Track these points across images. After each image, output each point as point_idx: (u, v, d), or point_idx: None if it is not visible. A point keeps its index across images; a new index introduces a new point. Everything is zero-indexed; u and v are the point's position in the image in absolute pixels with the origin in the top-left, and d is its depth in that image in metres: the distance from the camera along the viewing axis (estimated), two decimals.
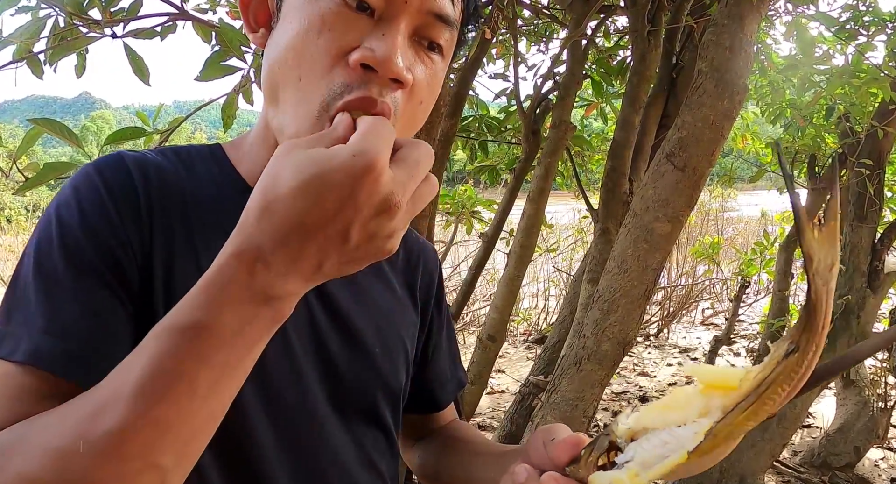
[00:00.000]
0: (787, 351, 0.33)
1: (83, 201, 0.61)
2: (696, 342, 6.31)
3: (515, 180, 2.59)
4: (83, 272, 0.58)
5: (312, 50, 0.57)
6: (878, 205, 3.19)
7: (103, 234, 0.60)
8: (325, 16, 0.57)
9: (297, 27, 0.58)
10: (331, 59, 0.57)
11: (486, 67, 3.25)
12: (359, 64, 0.56)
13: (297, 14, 0.59)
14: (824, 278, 0.33)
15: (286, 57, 0.59)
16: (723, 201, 9.47)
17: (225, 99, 1.36)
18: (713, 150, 1.76)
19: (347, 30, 0.57)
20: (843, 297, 3.08)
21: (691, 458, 0.38)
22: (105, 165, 0.64)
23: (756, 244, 4.17)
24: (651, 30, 2.47)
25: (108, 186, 0.62)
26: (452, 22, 0.63)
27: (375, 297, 0.79)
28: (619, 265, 1.80)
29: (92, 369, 0.53)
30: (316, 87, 0.57)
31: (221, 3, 2.54)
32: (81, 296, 0.57)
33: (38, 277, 0.58)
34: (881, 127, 3.02)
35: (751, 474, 2.87)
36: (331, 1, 0.57)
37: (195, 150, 0.73)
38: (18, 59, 1.45)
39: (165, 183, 0.65)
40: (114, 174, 0.63)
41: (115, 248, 0.60)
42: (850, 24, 2.97)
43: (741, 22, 1.79)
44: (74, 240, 0.59)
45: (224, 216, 0.65)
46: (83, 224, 0.59)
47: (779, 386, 0.34)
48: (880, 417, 3.31)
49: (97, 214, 0.60)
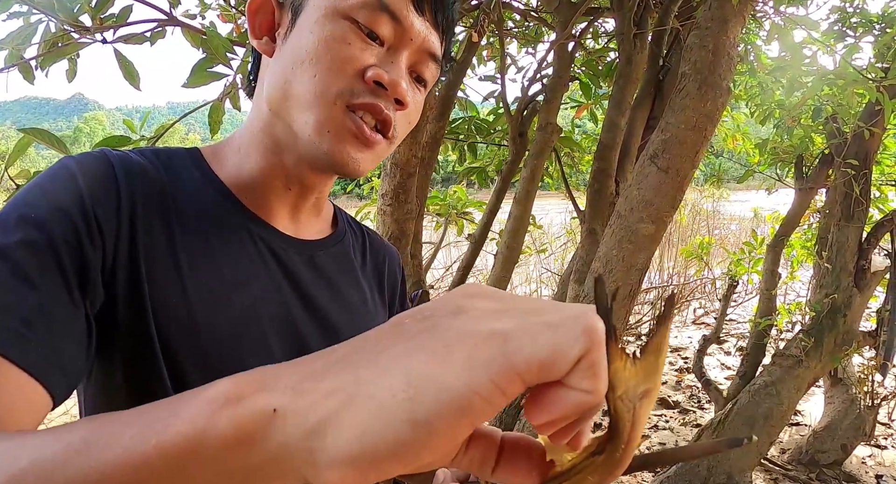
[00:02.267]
0: (594, 451, 0.35)
1: (59, 187, 0.58)
2: (687, 341, 6.34)
3: (502, 182, 2.61)
4: (41, 255, 0.54)
5: (331, 57, 0.63)
6: (865, 204, 3.22)
7: (70, 222, 0.57)
8: (345, 35, 0.64)
9: (318, 37, 0.64)
10: (349, 68, 0.63)
11: (476, 70, 3.27)
12: (373, 80, 0.64)
13: (317, 28, 0.64)
14: (629, 405, 0.33)
15: (304, 59, 0.64)
16: (714, 201, 9.51)
17: (211, 105, 1.38)
18: (696, 151, 1.79)
19: (363, 50, 0.64)
20: (829, 296, 3.12)
21: None
22: (87, 158, 0.63)
23: (745, 244, 4.20)
24: (638, 32, 2.50)
25: (88, 178, 0.60)
26: (439, 60, 0.71)
27: (351, 298, 0.81)
28: (605, 265, 1.82)
29: (30, 349, 0.50)
30: (332, 82, 0.63)
31: (212, 6, 2.56)
32: (34, 278, 0.52)
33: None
34: (868, 127, 3.05)
35: (738, 472, 2.89)
36: (348, 27, 0.64)
37: (174, 152, 0.72)
38: (10, 64, 1.47)
39: (148, 183, 0.65)
40: (95, 167, 0.62)
41: (83, 238, 0.57)
42: (837, 25, 3.00)
43: (724, 25, 1.81)
44: (37, 223, 0.55)
45: (205, 219, 0.67)
46: (51, 207, 0.56)
47: (586, 476, 0.36)
48: (867, 415, 3.34)
49: (70, 202, 0.57)
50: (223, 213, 0.69)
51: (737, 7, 1.78)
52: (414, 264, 2.30)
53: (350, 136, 0.65)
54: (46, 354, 0.51)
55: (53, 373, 0.51)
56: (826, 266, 3.19)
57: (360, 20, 0.64)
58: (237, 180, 0.72)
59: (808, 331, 3.08)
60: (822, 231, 3.38)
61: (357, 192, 4.67)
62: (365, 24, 0.64)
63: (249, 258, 0.69)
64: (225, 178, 0.72)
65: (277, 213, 0.74)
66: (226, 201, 0.70)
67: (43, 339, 0.51)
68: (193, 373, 0.61)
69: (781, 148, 3.76)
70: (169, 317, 0.60)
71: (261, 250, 0.71)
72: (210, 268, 0.65)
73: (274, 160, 0.71)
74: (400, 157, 1.77)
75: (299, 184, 0.73)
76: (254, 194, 0.72)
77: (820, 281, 3.24)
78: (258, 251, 0.70)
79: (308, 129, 0.65)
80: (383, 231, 1.91)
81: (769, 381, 3.00)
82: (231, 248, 0.68)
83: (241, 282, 0.67)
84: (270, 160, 0.71)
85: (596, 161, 2.46)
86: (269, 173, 0.72)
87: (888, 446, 3.71)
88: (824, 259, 3.21)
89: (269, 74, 0.69)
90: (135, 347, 0.60)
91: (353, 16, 0.64)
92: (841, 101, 2.93)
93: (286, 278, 0.72)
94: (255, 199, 0.72)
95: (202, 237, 0.66)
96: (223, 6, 2.43)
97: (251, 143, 0.72)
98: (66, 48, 1.57)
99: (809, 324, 3.13)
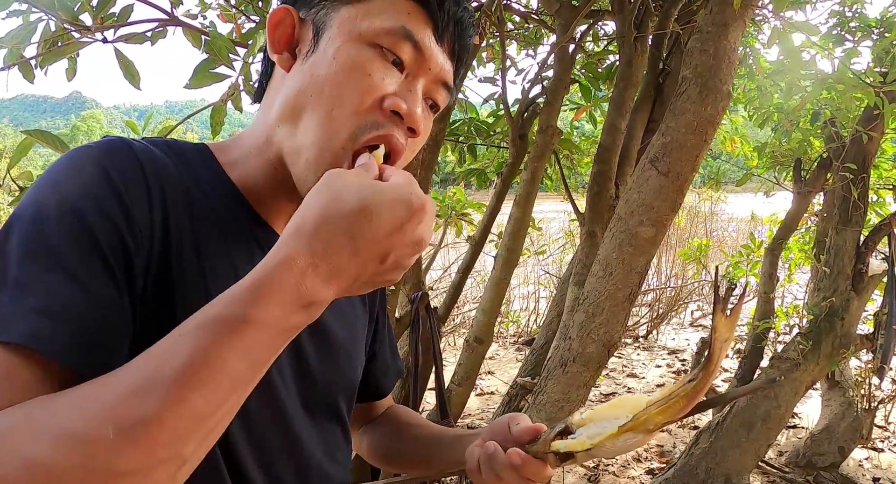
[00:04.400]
0: (689, 380, 0.52)
1: (90, 180, 0.57)
2: (684, 344, 6.35)
3: (503, 184, 2.61)
4: (86, 253, 0.54)
5: (352, 89, 0.64)
6: (863, 208, 3.23)
7: (112, 216, 0.56)
8: (368, 63, 0.65)
9: (340, 65, 0.65)
10: (368, 99, 0.65)
11: (476, 71, 3.27)
12: (390, 110, 0.66)
13: (340, 54, 0.66)
14: (721, 344, 0.50)
15: (323, 88, 0.65)
16: (712, 204, 9.52)
17: (213, 107, 1.37)
18: (696, 155, 1.79)
19: (384, 78, 0.66)
20: (827, 299, 3.12)
21: (619, 432, 0.54)
22: (113, 149, 0.61)
23: (743, 247, 4.21)
24: (638, 36, 2.50)
25: (120, 170, 0.59)
26: (451, 89, 0.74)
27: (342, 302, 0.82)
28: (604, 268, 1.82)
29: (91, 355, 0.52)
30: (347, 121, 0.64)
31: (212, 5, 2.56)
32: (82, 277, 0.53)
33: (33, 255, 0.53)
34: (866, 131, 3.06)
35: (736, 474, 2.90)
36: (372, 54, 0.66)
37: (185, 147, 0.72)
38: (10, 64, 1.46)
39: (173, 183, 0.64)
40: (124, 159, 0.60)
41: (124, 232, 0.57)
42: (836, 29, 3.01)
43: (725, 29, 1.82)
44: (78, 217, 0.55)
45: (219, 217, 0.68)
46: (90, 202, 0.56)
47: (680, 398, 0.53)
48: (864, 418, 3.35)
49: (106, 195, 0.57)
50: (236, 217, 0.70)
51: (737, 11, 1.78)
52: (414, 266, 2.29)
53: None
54: (103, 361, 0.51)
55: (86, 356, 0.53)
56: (824, 269, 3.19)
57: (385, 46, 0.66)
58: (246, 184, 0.72)
59: (805, 334, 3.09)
60: (819, 234, 3.39)
61: None
62: (389, 49, 0.66)
63: (257, 262, 0.69)
64: (235, 179, 0.72)
65: (280, 219, 0.75)
66: (238, 206, 0.71)
67: (98, 342, 0.53)
68: None
69: (780, 151, 3.77)
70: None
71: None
72: (228, 273, 0.66)
73: (277, 173, 0.72)
74: None
75: (300, 196, 0.74)
76: (260, 199, 0.73)
77: (817, 284, 3.25)
78: (264, 255, 0.71)
79: (313, 158, 0.66)
80: None
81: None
82: (243, 254, 0.69)
83: None
84: (274, 172, 0.72)
85: (596, 164, 2.46)
86: (273, 183, 0.72)
87: (885, 449, 3.72)
88: (822, 262, 3.21)
89: (283, 90, 0.69)
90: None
91: (378, 42, 0.66)
92: (839, 105, 2.94)
93: None
94: (261, 203, 0.73)
95: (221, 241, 0.67)
96: (223, 6, 2.43)
97: (258, 153, 0.72)
98: (66, 47, 1.56)
99: (807, 327, 3.14)
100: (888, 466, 3.50)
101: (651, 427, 0.55)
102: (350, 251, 0.52)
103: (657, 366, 5.63)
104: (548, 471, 0.72)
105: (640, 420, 0.54)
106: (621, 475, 3.42)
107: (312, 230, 0.52)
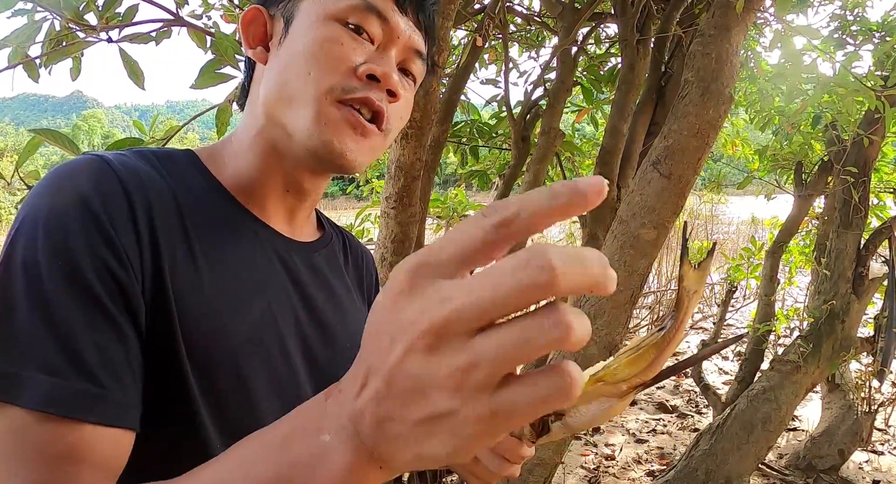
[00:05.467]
0: (659, 329, 0.49)
1: (70, 215, 0.55)
2: (685, 346, 6.35)
3: (505, 186, 2.62)
4: (87, 296, 0.53)
5: (325, 56, 0.67)
6: (864, 212, 3.23)
7: (100, 253, 0.55)
8: (337, 36, 0.68)
9: (312, 39, 0.67)
10: (342, 66, 0.67)
11: (478, 73, 3.28)
12: (365, 74, 0.67)
13: (311, 32, 0.68)
14: (689, 295, 0.48)
15: (298, 60, 0.67)
16: (713, 206, 9.52)
17: (218, 107, 1.38)
18: (699, 158, 1.79)
19: (355, 49, 0.68)
20: (827, 302, 3.13)
21: (591, 387, 0.50)
22: (89, 172, 0.58)
23: (744, 250, 4.21)
24: (640, 39, 2.51)
25: (100, 193, 0.57)
26: (424, 57, 0.76)
27: (341, 298, 0.82)
28: None
29: (117, 406, 0.52)
30: (325, 79, 0.66)
31: (216, 6, 2.56)
32: (89, 322, 0.52)
33: (34, 305, 0.51)
34: (867, 135, 3.06)
35: (736, 476, 2.90)
36: (340, 28, 0.68)
37: (172, 154, 0.71)
38: (15, 63, 1.47)
39: (159, 192, 0.63)
40: (100, 181, 0.58)
41: (116, 267, 0.55)
42: (837, 33, 3.02)
43: (727, 33, 1.82)
44: (70, 259, 0.53)
45: (213, 220, 0.68)
46: (78, 240, 0.54)
47: (650, 348, 0.49)
48: (864, 421, 3.35)
49: (90, 230, 0.55)
50: (231, 218, 0.70)
51: (739, 15, 1.79)
52: None
53: (346, 126, 0.67)
54: (118, 401, 0.52)
55: (129, 412, 0.54)
56: (824, 272, 3.20)
57: (351, 21, 0.68)
58: (237, 184, 0.72)
59: (806, 337, 3.09)
60: (820, 238, 3.39)
61: (356, 193, 4.65)
62: (357, 24, 0.68)
63: (260, 262, 0.70)
64: (225, 182, 0.72)
65: (276, 216, 0.75)
66: (231, 206, 0.71)
67: (111, 386, 0.53)
68: (223, 378, 0.62)
69: (781, 154, 3.78)
70: (194, 326, 0.60)
71: (268, 254, 0.72)
72: (228, 274, 0.66)
73: (272, 164, 0.72)
74: (404, 160, 1.77)
75: (297, 188, 0.75)
76: (254, 198, 0.73)
77: (818, 287, 3.25)
78: (266, 255, 0.71)
79: (304, 123, 0.67)
80: (387, 234, 1.91)
81: (767, 386, 3.01)
82: (243, 253, 0.69)
83: (257, 286, 0.68)
84: (269, 164, 0.73)
85: (598, 166, 2.47)
86: (267, 177, 0.73)
87: (885, 452, 3.72)
88: (823, 265, 3.22)
89: (264, 80, 0.72)
90: (161, 359, 0.59)
91: (344, 17, 0.68)
92: (840, 108, 2.94)
93: (290, 280, 0.74)
94: (255, 202, 0.73)
95: (217, 244, 0.67)
96: (227, 6, 2.43)
97: (249, 148, 0.73)
98: (71, 47, 1.57)
99: (808, 330, 3.14)
100: (888, 468, 3.50)
101: (623, 385, 0.50)
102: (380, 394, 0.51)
103: None
104: (524, 450, 0.70)
105: (610, 370, 0.51)
106: (622, 477, 3.43)
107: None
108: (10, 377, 0.49)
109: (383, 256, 1.98)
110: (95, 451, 0.50)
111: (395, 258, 1.95)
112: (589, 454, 3.71)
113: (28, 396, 0.48)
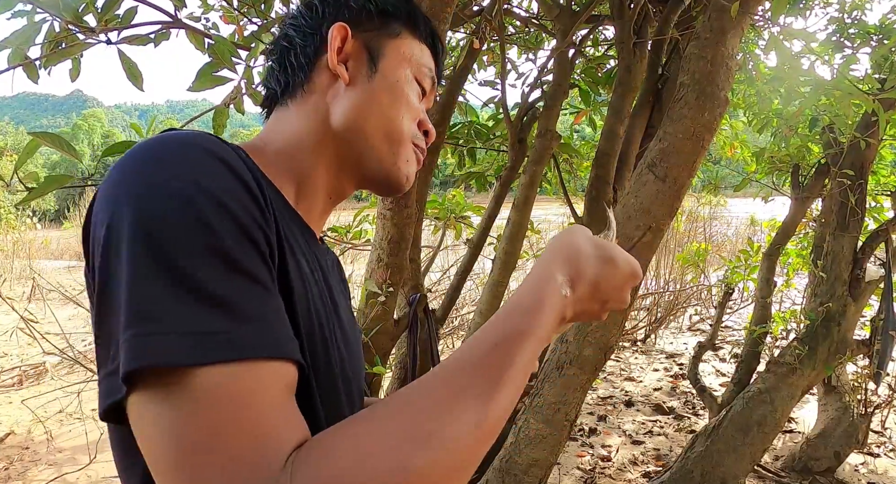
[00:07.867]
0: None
1: (224, 177, 0.55)
2: (682, 348, 6.36)
3: (501, 188, 2.63)
4: (256, 251, 0.54)
5: (412, 108, 0.82)
6: (860, 214, 3.24)
7: (256, 217, 0.55)
8: (417, 93, 0.83)
9: (404, 91, 0.80)
10: (417, 118, 0.84)
11: (476, 74, 3.29)
12: (423, 129, 0.85)
13: (402, 82, 0.80)
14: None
15: (398, 105, 0.80)
16: (711, 208, 9.53)
17: (215, 109, 1.39)
18: (694, 161, 1.80)
19: (419, 105, 0.84)
20: (824, 304, 3.13)
21: None
22: (215, 147, 0.58)
23: (741, 252, 4.22)
24: (637, 41, 2.52)
25: (233, 170, 0.57)
26: None
27: (347, 299, 0.87)
28: None
29: (298, 347, 0.55)
30: (411, 126, 0.82)
31: (215, 6, 2.57)
32: (262, 276, 0.53)
33: (214, 263, 0.50)
34: (864, 138, 3.07)
35: (732, 478, 2.91)
36: (418, 87, 0.83)
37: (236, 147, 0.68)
38: (14, 65, 1.48)
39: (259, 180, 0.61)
40: (231, 157, 0.58)
41: (264, 226, 0.56)
42: (835, 36, 3.02)
43: (723, 36, 1.83)
44: (233, 216, 0.53)
45: (284, 218, 0.66)
46: (236, 203, 0.54)
47: None
48: (860, 423, 3.36)
49: (240, 195, 0.55)
50: (291, 217, 0.71)
51: (735, 18, 1.80)
52: (413, 268, 2.31)
53: (417, 164, 0.84)
54: (294, 345, 0.55)
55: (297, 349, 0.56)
56: (821, 275, 3.21)
57: (424, 87, 0.85)
58: (282, 181, 0.74)
59: (802, 339, 3.10)
60: (817, 240, 3.40)
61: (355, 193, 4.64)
62: (420, 82, 0.84)
63: (310, 263, 0.71)
64: (272, 178, 0.71)
65: (311, 216, 0.78)
66: (287, 206, 0.72)
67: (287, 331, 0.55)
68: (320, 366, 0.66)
69: (778, 157, 3.78)
70: (302, 308, 0.62)
71: (313, 255, 0.73)
72: (296, 266, 0.65)
73: (331, 170, 0.78)
74: None
75: (339, 194, 0.82)
76: (301, 197, 0.76)
77: (815, 289, 3.26)
78: (312, 256, 0.72)
79: (393, 158, 0.80)
80: (383, 235, 1.92)
81: (763, 388, 3.02)
82: (301, 246, 0.69)
83: (315, 287, 0.69)
84: (328, 170, 0.78)
85: (594, 168, 2.48)
86: (322, 181, 0.78)
87: (881, 454, 3.73)
88: (819, 268, 3.23)
89: (348, 98, 0.77)
90: None
91: (420, 80, 0.83)
92: (838, 111, 2.95)
93: (325, 281, 0.75)
94: (301, 202, 0.76)
95: (290, 237, 0.66)
96: (226, 8, 2.44)
97: (311, 152, 0.76)
98: (70, 48, 1.58)
99: (804, 332, 3.15)
100: (884, 471, 3.51)
101: None
102: (591, 288, 0.67)
103: (655, 370, 5.64)
104: None
105: None
106: (618, 478, 3.43)
107: (573, 263, 0.67)
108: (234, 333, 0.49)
109: (380, 257, 1.99)
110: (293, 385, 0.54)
111: (392, 259, 1.96)
112: (585, 455, 3.72)
113: (253, 347, 0.50)
